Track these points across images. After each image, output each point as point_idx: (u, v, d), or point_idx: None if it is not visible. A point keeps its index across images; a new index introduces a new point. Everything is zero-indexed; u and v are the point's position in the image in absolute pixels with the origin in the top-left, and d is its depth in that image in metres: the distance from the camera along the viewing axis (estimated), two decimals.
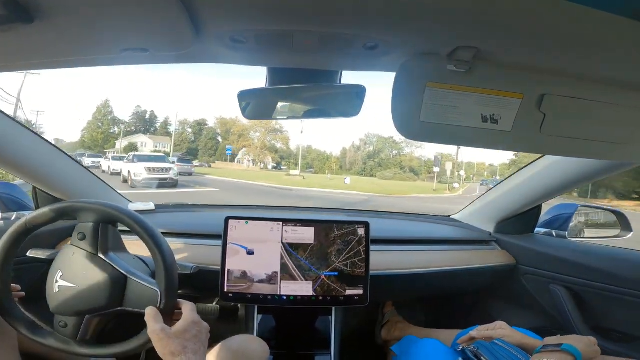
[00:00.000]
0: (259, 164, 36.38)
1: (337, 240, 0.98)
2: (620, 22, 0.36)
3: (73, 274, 0.65)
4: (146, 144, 35.56)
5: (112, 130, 36.74)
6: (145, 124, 40.22)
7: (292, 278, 0.96)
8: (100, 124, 36.26)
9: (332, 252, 0.98)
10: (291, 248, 0.97)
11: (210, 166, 32.36)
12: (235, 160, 37.33)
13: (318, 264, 0.97)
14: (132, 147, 32.88)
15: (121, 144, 33.81)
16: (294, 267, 0.96)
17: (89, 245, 0.66)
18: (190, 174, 17.24)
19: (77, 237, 0.66)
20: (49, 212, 0.66)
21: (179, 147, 36.86)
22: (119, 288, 0.65)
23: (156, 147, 34.79)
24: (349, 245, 0.98)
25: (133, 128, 39.28)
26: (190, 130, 39.55)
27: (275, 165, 37.36)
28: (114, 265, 0.66)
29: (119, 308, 0.65)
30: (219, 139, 38.60)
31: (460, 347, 0.90)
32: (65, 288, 0.65)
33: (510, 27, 0.41)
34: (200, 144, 38.40)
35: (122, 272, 0.66)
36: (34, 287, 0.73)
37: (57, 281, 0.65)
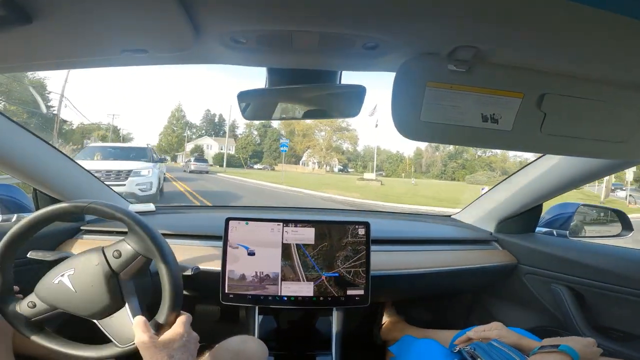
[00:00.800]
0: (325, 166, 34.46)
1: (348, 246, 0.98)
2: (621, 21, 0.36)
3: (81, 280, 0.64)
4: (211, 146, 35.85)
5: (184, 134, 37.49)
6: (214, 127, 41.01)
7: (294, 278, 0.96)
8: (174, 128, 37.02)
9: (339, 256, 0.98)
10: (301, 245, 0.97)
11: (273, 169, 31.91)
12: (300, 162, 36.37)
13: (322, 264, 0.97)
14: (198, 150, 33.54)
15: (187, 146, 34.46)
16: (299, 265, 0.96)
17: (118, 266, 0.64)
18: (206, 172, 19.02)
19: (113, 254, 0.64)
20: (109, 210, 0.64)
21: (244, 150, 37.24)
22: (109, 310, 0.65)
23: (221, 148, 34.99)
24: (357, 254, 0.98)
25: (203, 131, 40.09)
26: (255, 132, 39.55)
27: (342, 167, 35.62)
28: (123, 292, 0.65)
29: (93, 320, 0.65)
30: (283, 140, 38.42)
31: (457, 348, 0.90)
32: (64, 287, 0.64)
33: (510, 26, 0.41)
34: (264, 146, 38.06)
35: (124, 300, 0.65)
36: (29, 289, 0.72)
37: (62, 275, 0.64)
